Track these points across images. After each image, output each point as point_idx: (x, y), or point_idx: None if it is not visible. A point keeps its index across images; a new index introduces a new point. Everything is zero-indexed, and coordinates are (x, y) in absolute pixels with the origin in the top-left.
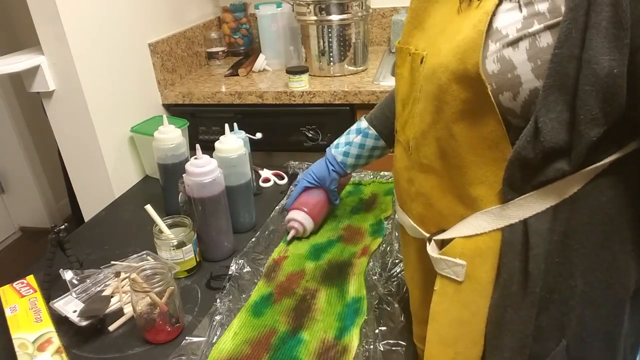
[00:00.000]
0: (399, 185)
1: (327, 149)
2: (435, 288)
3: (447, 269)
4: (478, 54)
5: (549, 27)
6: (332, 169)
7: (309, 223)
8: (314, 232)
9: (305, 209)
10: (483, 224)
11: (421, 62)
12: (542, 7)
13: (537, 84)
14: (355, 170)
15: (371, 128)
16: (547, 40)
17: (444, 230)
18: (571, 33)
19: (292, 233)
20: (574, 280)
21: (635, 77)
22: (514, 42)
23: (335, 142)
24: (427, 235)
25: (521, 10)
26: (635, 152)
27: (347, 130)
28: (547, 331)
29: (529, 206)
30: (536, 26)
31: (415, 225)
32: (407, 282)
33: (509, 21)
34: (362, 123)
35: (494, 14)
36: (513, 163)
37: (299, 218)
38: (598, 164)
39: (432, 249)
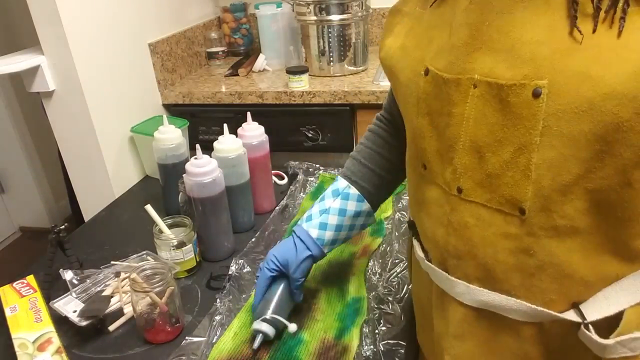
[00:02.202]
0: (491, 260)
1: (295, 227)
2: None
3: (623, 348)
4: None
5: None
6: (305, 248)
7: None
8: None
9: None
10: None
11: (535, 95)
12: None
13: None
14: (333, 249)
15: (351, 187)
16: None
17: (577, 304)
18: None
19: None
20: None
21: None
22: None
23: (305, 215)
24: (574, 317)
25: None
26: None
27: (319, 197)
28: None
29: None
30: None
31: (537, 307)
32: None
33: None
34: (339, 182)
35: None
36: None
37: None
38: None
39: (595, 334)
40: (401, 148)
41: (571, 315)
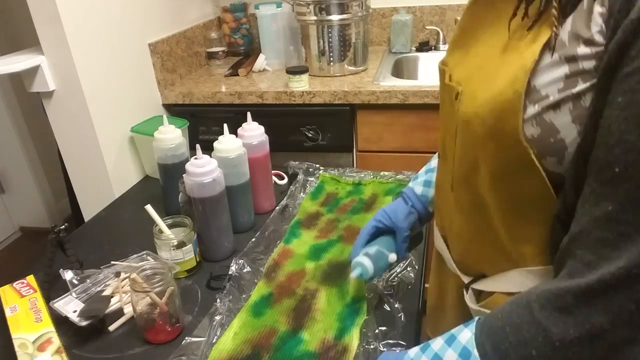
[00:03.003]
0: (440, 213)
1: (406, 188)
2: None
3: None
4: (517, 118)
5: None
6: (410, 205)
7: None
8: (314, 232)
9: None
10: (528, 282)
11: (456, 98)
12: (588, 64)
13: None
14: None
15: None
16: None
17: (482, 276)
18: None
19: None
20: None
21: None
22: (555, 105)
23: (415, 176)
24: (465, 280)
25: (564, 66)
26: None
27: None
28: None
29: None
30: (581, 85)
31: (454, 265)
32: (431, 307)
33: (549, 79)
34: None
35: (532, 70)
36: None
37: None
38: None
39: (470, 299)
40: None
41: (464, 277)
